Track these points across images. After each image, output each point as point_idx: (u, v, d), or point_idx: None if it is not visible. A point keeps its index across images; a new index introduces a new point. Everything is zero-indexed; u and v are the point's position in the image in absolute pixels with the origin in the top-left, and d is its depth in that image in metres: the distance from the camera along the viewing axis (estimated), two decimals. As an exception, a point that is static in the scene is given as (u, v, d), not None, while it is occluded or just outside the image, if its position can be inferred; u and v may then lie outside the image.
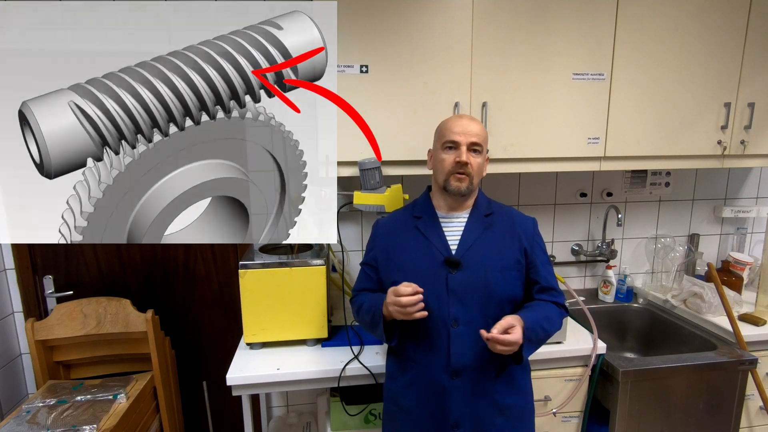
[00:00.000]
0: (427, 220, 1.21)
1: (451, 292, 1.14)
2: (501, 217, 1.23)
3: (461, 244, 1.17)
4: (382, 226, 1.28)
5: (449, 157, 1.16)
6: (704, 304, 1.78)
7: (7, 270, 1.80)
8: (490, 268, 1.15)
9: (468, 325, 1.13)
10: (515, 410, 1.19)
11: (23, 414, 1.47)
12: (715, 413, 1.58)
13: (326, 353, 1.51)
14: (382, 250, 1.24)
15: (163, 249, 1.89)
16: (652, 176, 2.07)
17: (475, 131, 1.15)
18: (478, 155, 1.17)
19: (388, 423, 1.27)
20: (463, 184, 1.15)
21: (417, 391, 1.18)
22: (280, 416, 2.01)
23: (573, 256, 2.10)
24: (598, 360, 1.55)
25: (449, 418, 1.14)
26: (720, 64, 1.64)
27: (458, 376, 1.14)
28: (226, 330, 1.99)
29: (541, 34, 1.53)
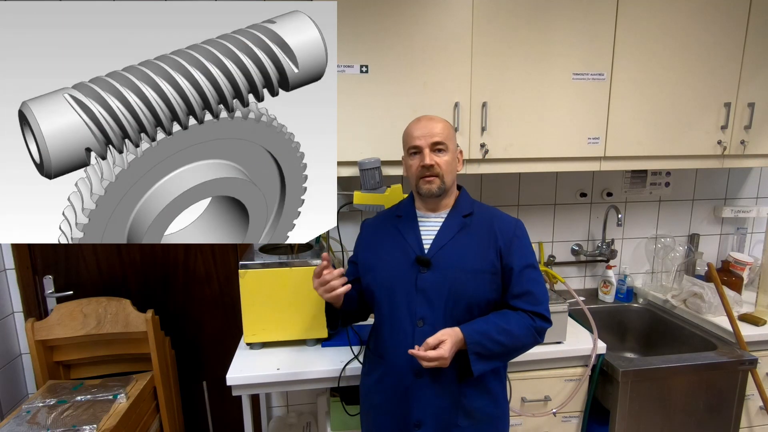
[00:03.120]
0: (406, 220, 1.21)
1: (420, 290, 1.13)
2: (480, 219, 1.19)
3: (434, 244, 1.16)
4: (368, 225, 1.31)
5: (415, 163, 1.15)
6: (704, 304, 1.78)
7: (7, 270, 1.80)
8: (461, 269, 1.13)
9: (433, 325, 1.11)
10: (482, 414, 1.17)
11: (23, 414, 1.47)
12: (715, 413, 1.58)
13: (326, 353, 1.51)
14: (363, 249, 1.27)
15: (163, 249, 1.89)
16: (652, 176, 2.07)
17: (436, 131, 1.14)
18: (443, 153, 1.14)
19: (364, 419, 1.29)
20: (434, 185, 1.14)
21: (385, 388, 1.19)
22: (280, 416, 2.01)
23: (573, 256, 2.10)
24: (598, 360, 1.55)
25: (412, 416, 1.14)
26: (720, 64, 1.64)
27: (421, 376, 1.13)
28: (226, 330, 1.99)
29: (541, 34, 1.53)
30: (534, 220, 2.03)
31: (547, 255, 2.07)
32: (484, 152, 1.55)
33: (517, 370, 1.52)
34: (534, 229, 2.04)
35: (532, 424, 1.56)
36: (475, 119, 1.54)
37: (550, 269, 1.94)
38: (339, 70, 1.45)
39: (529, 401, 1.53)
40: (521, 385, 1.52)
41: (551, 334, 1.52)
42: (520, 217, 2.01)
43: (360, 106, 1.49)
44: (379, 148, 1.52)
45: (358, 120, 1.50)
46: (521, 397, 1.53)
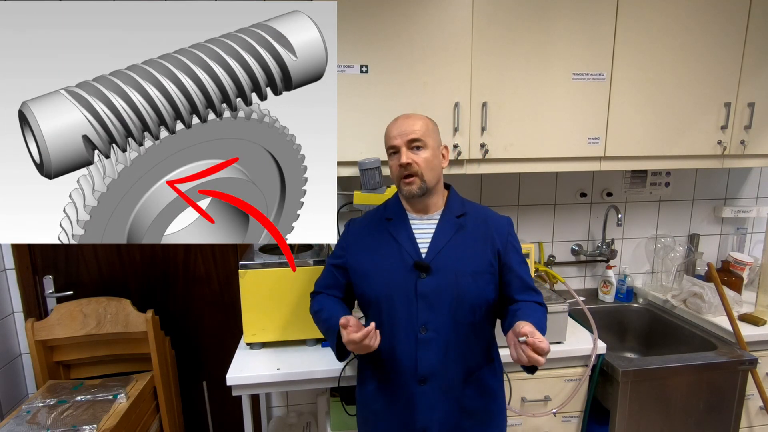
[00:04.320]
0: (398, 223, 1.17)
1: (421, 297, 1.10)
2: (474, 219, 1.17)
3: (431, 248, 1.13)
4: (354, 227, 1.25)
5: (394, 163, 1.12)
6: (704, 304, 1.78)
7: (7, 270, 1.80)
8: (462, 272, 1.11)
9: (437, 330, 1.10)
10: (484, 413, 1.17)
11: (23, 414, 1.47)
12: (715, 413, 1.58)
13: (326, 353, 1.51)
14: (353, 254, 1.21)
15: (163, 249, 1.89)
16: (652, 176, 2.07)
17: (413, 128, 1.10)
18: (421, 150, 1.10)
19: (362, 426, 1.26)
20: (414, 186, 1.10)
21: (386, 396, 1.16)
22: (280, 416, 2.01)
23: (573, 256, 2.10)
24: (598, 360, 1.55)
25: (416, 422, 1.12)
26: (720, 64, 1.64)
27: (425, 382, 1.11)
28: (226, 330, 1.99)
29: (541, 34, 1.53)
30: (534, 220, 2.03)
31: (547, 255, 2.07)
32: (484, 152, 1.55)
33: (517, 369, 1.51)
34: (534, 229, 2.04)
35: (532, 424, 1.56)
36: (475, 119, 1.54)
37: (550, 269, 1.94)
38: (339, 70, 1.45)
39: (529, 401, 1.53)
40: (521, 385, 1.52)
41: (551, 334, 1.52)
42: (521, 217, 2.01)
43: (360, 106, 1.49)
44: (379, 148, 1.52)
45: (358, 120, 1.50)
46: (521, 397, 1.53)
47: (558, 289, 1.95)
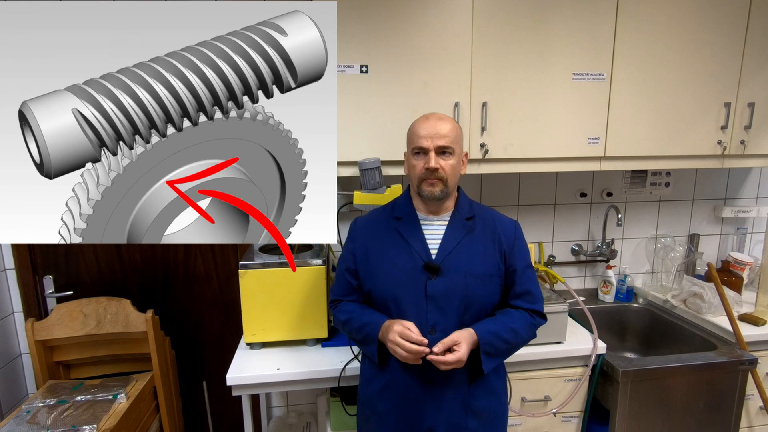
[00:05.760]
0: (408, 223, 1.17)
1: (430, 298, 1.10)
2: (483, 221, 1.18)
3: (441, 249, 1.13)
4: (360, 226, 1.24)
5: (419, 164, 1.11)
6: (704, 304, 1.78)
7: (7, 270, 1.80)
8: (471, 274, 1.12)
9: (445, 332, 1.09)
10: (489, 413, 1.17)
11: (23, 414, 1.47)
12: (715, 413, 1.58)
13: (326, 353, 1.51)
14: (362, 254, 1.20)
15: (163, 249, 1.89)
16: (652, 176, 2.07)
17: (443, 132, 1.09)
18: (449, 157, 1.11)
19: (362, 426, 1.26)
20: (436, 188, 1.11)
21: (391, 396, 1.16)
22: (280, 416, 2.01)
23: (573, 256, 2.10)
24: (598, 360, 1.55)
25: (422, 423, 1.13)
26: (720, 64, 1.64)
27: (433, 383, 1.12)
28: (226, 330, 1.99)
29: (541, 34, 1.53)
30: (534, 220, 2.03)
31: (547, 255, 2.07)
32: (484, 152, 1.55)
33: (517, 370, 1.52)
34: (534, 229, 2.04)
35: (532, 424, 1.56)
36: (475, 119, 1.54)
37: (550, 269, 1.94)
38: (339, 70, 1.45)
39: (529, 401, 1.53)
40: (521, 384, 1.52)
41: (551, 334, 1.52)
42: (521, 217, 2.01)
43: (360, 106, 1.49)
44: (379, 148, 1.52)
45: (358, 120, 1.50)
46: (521, 397, 1.53)
47: (558, 289, 1.95)
